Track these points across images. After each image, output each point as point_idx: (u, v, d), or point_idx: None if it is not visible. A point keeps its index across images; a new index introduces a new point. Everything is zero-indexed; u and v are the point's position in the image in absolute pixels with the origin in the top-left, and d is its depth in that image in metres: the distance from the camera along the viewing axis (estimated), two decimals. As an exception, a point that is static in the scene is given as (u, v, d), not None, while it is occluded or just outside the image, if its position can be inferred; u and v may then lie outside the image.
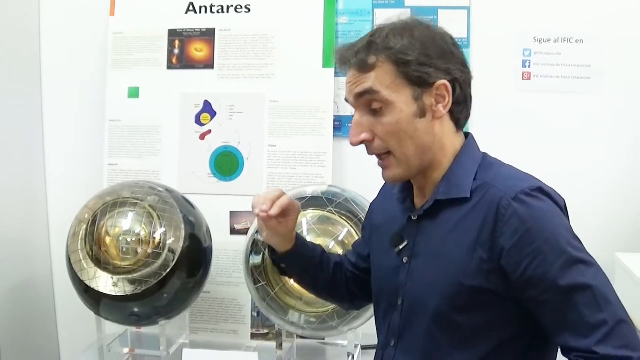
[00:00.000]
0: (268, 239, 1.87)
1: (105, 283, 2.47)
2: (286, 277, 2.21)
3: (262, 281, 2.47)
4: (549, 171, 2.79)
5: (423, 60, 1.51)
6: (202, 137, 2.98)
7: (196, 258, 2.61)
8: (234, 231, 2.94)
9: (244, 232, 2.78)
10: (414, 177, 1.65)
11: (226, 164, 2.95)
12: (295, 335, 2.72)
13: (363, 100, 1.55)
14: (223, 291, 2.97)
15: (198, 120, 2.99)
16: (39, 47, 3.21)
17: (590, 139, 2.85)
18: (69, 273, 2.58)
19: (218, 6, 2.99)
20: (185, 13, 3.02)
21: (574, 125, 2.85)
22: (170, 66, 3.03)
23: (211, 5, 3.00)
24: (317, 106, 2.88)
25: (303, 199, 2.51)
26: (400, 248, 1.66)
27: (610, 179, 2.85)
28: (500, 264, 1.47)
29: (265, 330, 2.94)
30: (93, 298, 2.52)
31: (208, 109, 2.98)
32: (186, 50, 3.02)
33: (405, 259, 1.65)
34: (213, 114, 2.98)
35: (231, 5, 2.98)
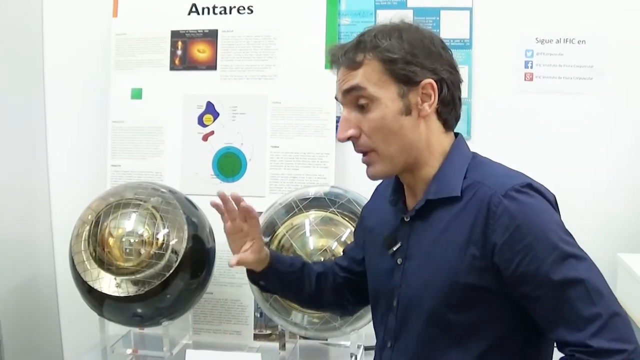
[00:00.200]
0: (242, 261, 1.86)
1: (108, 284, 2.48)
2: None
3: (265, 282, 2.48)
4: (551, 172, 2.82)
5: (409, 59, 1.54)
6: (205, 138, 2.99)
7: (199, 259, 2.61)
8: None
9: (247, 233, 2.78)
10: (401, 176, 1.68)
11: (229, 165, 2.96)
12: (298, 336, 2.72)
13: (350, 96, 1.59)
14: (226, 292, 2.98)
15: (201, 122, 2.99)
16: (42, 48, 3.22)
17: (592, 140, 2.85)
18: (72, 274, 2.58)
19: (220, 7, 2.99)
20: (188, 14, 3.03)
21: (576, 125, 2.85)
22: (173, 67, 3.04)
23: (214, 7, 3.00)
24: (320, 107, 2.88)
25: (306, 200, 2.52)
26: (394, 249, 1.67)
27: (613, 179, 2.85)
28: (492, 261, 1.48)
29: (268, 331, 2.94)
30: (96, 299, 2.53)
31: (211, 110, 2.98)
32: (189, 51, 3.02)
33: (399, 260, 1.66)
34: (216, 115, 2.98)
35: (234, 7, 2.99)
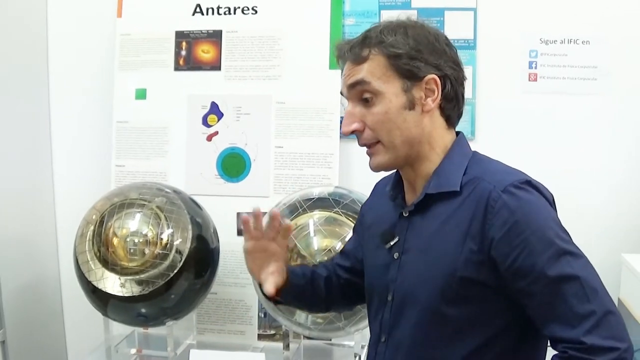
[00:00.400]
0: (264, 279, 1.82)
1: (112, 284, 2.49)
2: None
3: (269, 282, 2.48)
4: (555, 172, 2.82)
5: (414, 54, 1.55)
6: (209, 139, 2.99)
7: (203, 259, 2.62)
8: (241, 232, 2.92)
9: (251, 233, 2.79)
10: (402, 170, 1.68)
11: (233, 165, 2.96)
12: (302, 336, 2.73)
13: (355, 91, 1.60)
14: (230, 292, 2.98)
15: (205, 122, 3.00)
16: (47, 49, 3.23)
17: (596, 140, 2.85)
18: (77, 274, 2.59)
19: (225, 8, 3.00)
20: (192, 15, 3.03)
21: (579, 126, 2.85)
22: (177, 68, 3.05)
23: (218, 7, 3.01)
24: (324, 107, 2.89)
25: (310, 200, 2.52)
26: (391, 244, 1.68)
27: (617, 179, 2.85)
28: (490, 255, 1.49)
29: (272, 331, 2.95)
30: (100, 299, 2.54)
31: (215, 110, 2.99)
32: (193, 51, 3.03)
33: (396, 255, 1.66)
34: (220, 116, 2.98)
35: (238, 7, 2.99)
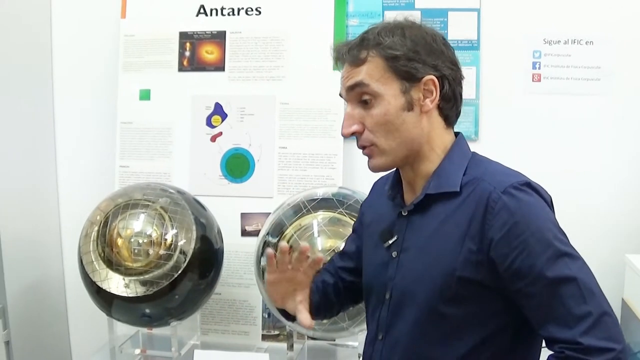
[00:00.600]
0: (298, 310, 1.82)
1: (117, 284, 2.49)
2: None
3: (273, 282, 2.48)
4: (558, 172, 2.83)
5: (411, 55, 1.56)
6: (213, 139, 2.99)
7: (207, 259, 2.62)
8: (244, 233, 2.95)
9: (255, 234, 2.80)
10: (402, 170, 1.69)
11: (237, 165, 2.96)
12: (306, 337, 2.73)
13: (354, 93, 1.61)
14: (234, 292, 2.98)
15: (209, 122, 3.00)
16: (51, 50, 3.23)
17: (600, 140, 2.85)
18: (81, 274, 2.59)
19: (229, 9, 3.00)
20: (196, 16, 3.04)
21: (583, 126, 2.85)
22: (181, 68, 3.05)
23: (222, 8, 3.01)
24: (328, 108, 2.88)
25: (314, 201, 2.52)
26: (390, 243, 1.69)
27: (621, 180, 2.84)
28: (489, 256, 1.50)
29: (276, 332, 2.95)
30: (105, 299, 2.54)
31: (219, 111, 2.99)
32: (197, 52, 3.03)
33: (394, 254, 1.67)
34: (224, 116, 2.99)
35: (242, 8, 2.99)
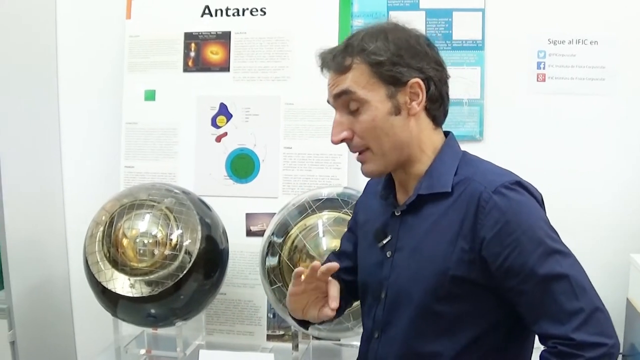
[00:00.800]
0: (313, 317, 1.86)
1: (122, 284, 2.49)
2: None
3: (278, 282, 2.49)
4: (563, 172, 2.83)
5: (395, 60, 1.57)
6: (218, 140, 3.00)
7: (212, 260, 2.62)
8: (250, 233, 2.95)
9: (260, 234, 2.80)
10: (394, 172, 1.70)
11: (242, 166, 2.96)
12: (311, 337, 2.73)
13: (341, 100, 1.63)
14: (239, 293, 2.98)
15: (214, 123, 3.00)
16: (56, 51, 3.24)
17: (604, 140, 2.84)
18: (86, 274, 2.60)
19: (234, 9, 3.00)
20: (201, 16, 3.04)
21: (588, 126, 2.84)
22: (186, 69, 3.05)
23: (227, 9, 3.01)
24: (332, 108, 2.87)
25: (319, 201, 2.52)
26: (384, 243, 1.71)
27: (625, 179, 2.84)
28: (481, 255, 1.53)
29: (281, 332, 2.95)
30: (110, 299, 2.54)
31: (224, 111, 2.99)
32: (202, 53, 3.03)
33: (388, 253, 1.69)
34: (229, 117, 2.99)
35: (247, 8, 2.99)
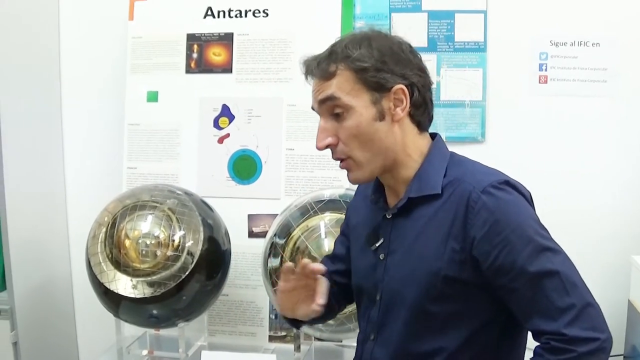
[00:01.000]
0: (303, 315, 1.85)
1: (124, 285, 2.49)
2: None
3: (281, 284, 2.49)
4: (565, 173, 2.83)
5: (379, 66, 1.59)
6: (221, 141, 3.00)
7: (215, 261, 2.62)
8: (252, 234, 2.95)
9: (262, 235, 2.80)
10: (381, 177, 1.72)
11: (244, 167, 2.96)
12: (313, 338, 2.73)
13: (326, 106, 1.63)
14: (241, 294, 2.98)
15: (216, 124, 3.00)
16: (59, 52, 3.25)
17: (606, 142, 2.84)
18: (89, 275, 2.60)
19: (236, 11, 3.01)
20: (204, 18, 3.04)
21: (589, 127, 2.84)
22: (188, 70, 3.05)
23: (229, 10, 3.01)
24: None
25: (321, 202, 2.53)
26: (377, 246, 1.72)
27: (626, 181, 2.84)
28: (472, 254, 1.55)
29: (283, 333, 2.95)
30: (112, 300, 2.54)
31: (226, 112, 2.99)
32: (204, 54, 3.04)
33: (381, 256, 1.71)
34: (231, 118, 2.99)
35: (249, 10, 3.00)
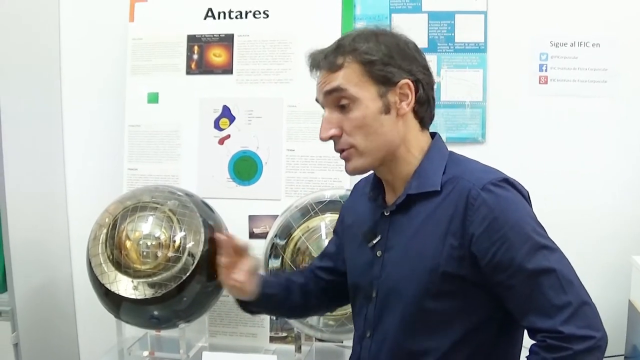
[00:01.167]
0: (235, 294, 1.96)
1: (125, 286, 2.49)
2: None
3: (281, 284, 2.49)
4: (565, 174, 2.83)
5: (387, 60, 1.62)
6: (221, 142, 3.00)
7: (215, 262, 2.60)
8: (252, 235, 2.95)
9: (263, 236, 2.80)
10: (380, 173, 1.74)
11: (245, 168, 2.97)
12: (314, 338, 2.73)
13: (332, 97, 1.65)
14: (242, 295, 2.98)
15: (217, 125, 3.00)
16: (59, 53, 3.25)
17: (606, 142, 2.85)
18: (90, 277, 2.59)
19: (236, 12, 3.01)
20: (204, 19, 3.04)
21: (590, 128, 2.85)
22: (189, 71, 3.05)
23: (230, 11, 3.02)
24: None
25: (321, 203, 2.53)
26: (374, 243, 1.73)
27: (627, 181, 2.84)
28: (470, 251, 1.56)
29: (284, 334, 2.95)
30: (113, 301, 2.54)
31: (227, 113, 2.99)
32: (205, 55, 3.04)
33: (379, 253, 1.72)
34: (232, 119, 2.99)
35: (249, 11, 3.00)
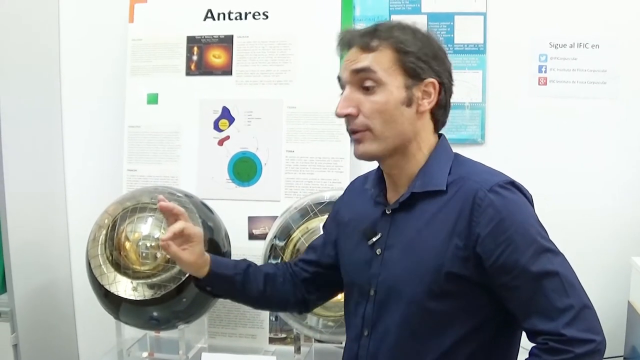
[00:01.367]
0: (185, 267, 1.96)
1: (124, 287, 2.50)
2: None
3: (281, 286, 2.49)
4: (564, 175, 2.83)
5: (420, 55, 1.63)
6: (221, 143, 3.00)
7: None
8: (252, 236, 2.95)
9: (262, 237, 2.80)
10: (386, 165, 1.73)
11: (244, 169, 2.97)
12: (314, 339, 2.73)
13: (358, 77, 1.64)
14: (241, 296, 2.98)
15: (216, 126, 3.00)
16: (59, 54, 3.25)
17: (606, 143, 2.85)
18: (89, 278, 2.60)
19: (236, 13, 3.01)
20: (204, 20, 3.04)
21: (589, 129, 2.85)
22: (188, 72, 3.05)
23: (229, 12, 3.02)
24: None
25: (321, 204, 2.53)
26: (374, 241, 1.73)
27: (626, 182, 2.84)
28: (475, 251, 1.56)
29: (284, 335, 2.95)
30: (112, 302, 2.55)
31: (226, 115, 2.99)
32: (204, 56, 3.04)
33: (378, 251, 1.72)
34: (231, 120, 2.99)
35: (249, 12, 3.00)
